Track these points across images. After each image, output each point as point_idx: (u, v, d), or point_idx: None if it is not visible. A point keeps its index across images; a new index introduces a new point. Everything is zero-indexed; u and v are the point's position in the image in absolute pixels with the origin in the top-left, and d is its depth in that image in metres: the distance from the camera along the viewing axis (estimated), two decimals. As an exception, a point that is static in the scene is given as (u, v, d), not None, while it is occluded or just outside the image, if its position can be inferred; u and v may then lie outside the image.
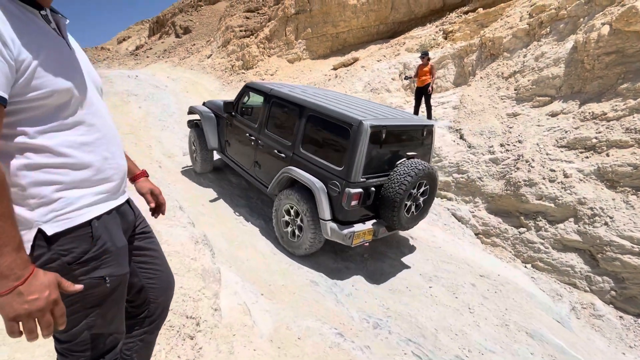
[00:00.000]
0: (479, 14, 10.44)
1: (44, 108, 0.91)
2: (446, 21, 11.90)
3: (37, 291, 0.80)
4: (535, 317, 3.80)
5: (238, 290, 2.87)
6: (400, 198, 3.31)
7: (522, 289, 4.33)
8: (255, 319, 2.60)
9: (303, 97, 3.91)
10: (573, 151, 5.71)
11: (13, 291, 0.78)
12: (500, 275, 4.48)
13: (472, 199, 6.38)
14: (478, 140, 6.90)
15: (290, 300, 3.08)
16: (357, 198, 3.31)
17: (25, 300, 0.79)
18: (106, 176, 1.07)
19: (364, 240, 3.46)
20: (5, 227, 0.77)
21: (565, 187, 5.37)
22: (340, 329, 2.82)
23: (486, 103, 7.56)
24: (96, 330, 1.07)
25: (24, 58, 0.84)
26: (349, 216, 3.42)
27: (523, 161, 5.95)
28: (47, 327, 0.83)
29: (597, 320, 4.54)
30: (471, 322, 3.40)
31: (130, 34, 39.40)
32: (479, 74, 8.51)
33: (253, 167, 4.47)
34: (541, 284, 4.89)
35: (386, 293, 3.58)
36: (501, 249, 5.68)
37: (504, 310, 3.73)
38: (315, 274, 3.65)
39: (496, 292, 4.04)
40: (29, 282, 0.80)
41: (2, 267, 0.76)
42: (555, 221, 5.36)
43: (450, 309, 3.52)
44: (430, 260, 4.34)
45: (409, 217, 3.59)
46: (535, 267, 5.33)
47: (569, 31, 7.15)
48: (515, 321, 3.59)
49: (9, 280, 0.77)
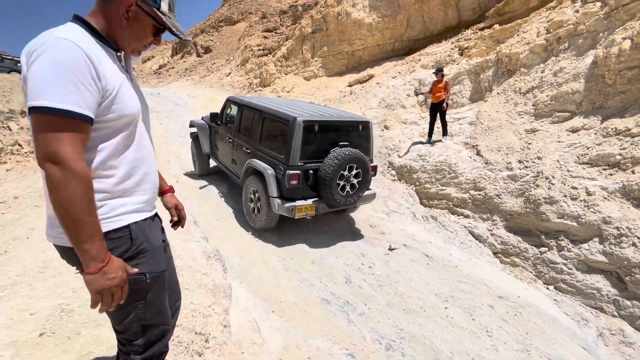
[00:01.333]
0: (495, 30, 10.41)
1: (112, 128, 1.10)
2: (462, 37, 11.91)
3: (114, 271, 1.04)
4: (559, 342, 3.60)
5: (248, 307, 2.85)
6: (330, 177, 4.10)
7: (544, 312, 4.13)
8: (264, 337, 2.57)
9: (261, 103, 4.92)
10: (596, 168, 5.51)
11: (100, 271, 1.01)
12: (521, 296, 4.29)
13: (489, 217, 6.21)
14: (495, 156, 6.77)
15: (301, 319, 3.04)
16: (295, 178, 4.14)
17: (107, 278, 1.03)
18: (144, 189, 1.24)
19: (306, 214, 4.20)
20: (95, 222, 1.00)
21: (589, 205, 5.16)
22: (352, 350, 2.75)
23: (503, 119, 7.44)
24: (145, 322, 1.25)
25: (108, 89, 1.06)
26: (292, 194, 4.23)
27: (543, 178, 5.77)
28: (117, 301, 1.08)
29: (627, 348, 4.26)
30: (489, 346, 3.25)
31: (154, 54, 41.13)
32: (495, 89, 8.42)
33: (232, 164, 5.34)
34: (565, 307, 4.65)
35: (400, 313, 3.48)
36: (521, 269, 5.46)
37: (525, 335, 3.55)
38: (327, 292, 3.59)
39: (516, 315, 3.86)
40: (110, 264, 1.03)
41: (93, 251, 0.99)
42: (578, 241, 5.14)
43: (467, 332, 3.38)
44: (446, 280, 4.22)
45: (343, 195, 4.32)
46: (558, 289, 5.09)
47: (588, 46, 7.03)
48: (537, 346, 3.41)
49: (97, 262, 1.01)
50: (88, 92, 0.99)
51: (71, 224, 0.96)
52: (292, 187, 4.19)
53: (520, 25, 9.69)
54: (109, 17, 1.13)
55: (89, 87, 0.99)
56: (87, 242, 0.98)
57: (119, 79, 1.11)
